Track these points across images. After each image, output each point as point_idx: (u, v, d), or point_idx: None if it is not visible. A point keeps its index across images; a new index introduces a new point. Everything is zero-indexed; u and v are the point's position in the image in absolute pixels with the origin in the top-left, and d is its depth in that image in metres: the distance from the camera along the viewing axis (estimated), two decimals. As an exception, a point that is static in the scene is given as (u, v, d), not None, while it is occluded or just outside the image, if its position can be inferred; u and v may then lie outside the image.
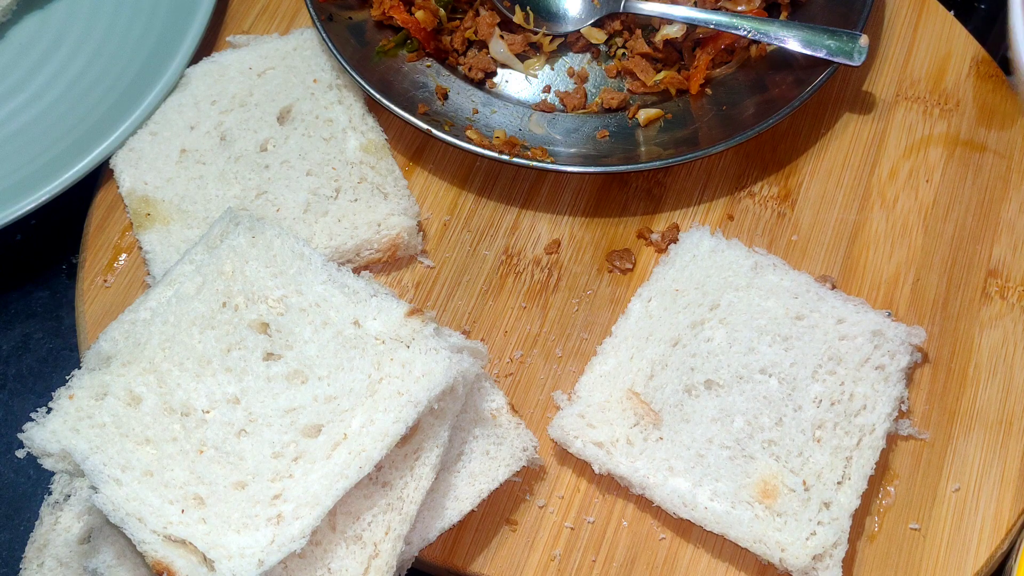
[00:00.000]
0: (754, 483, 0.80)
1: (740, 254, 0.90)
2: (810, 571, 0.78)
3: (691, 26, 0.99)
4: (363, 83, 0.97)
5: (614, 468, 0.82)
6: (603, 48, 1.03)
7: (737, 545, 0.81)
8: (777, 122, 0.94)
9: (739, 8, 0.99)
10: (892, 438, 0.85)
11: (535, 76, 1.02)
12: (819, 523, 0.79)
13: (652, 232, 0.95)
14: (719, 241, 0.91)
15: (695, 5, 1.00)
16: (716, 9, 0.98)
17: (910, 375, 0.87)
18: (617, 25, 1.02)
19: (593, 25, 1.02)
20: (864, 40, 0.94)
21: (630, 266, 0.94)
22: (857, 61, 0.94)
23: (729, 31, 0.96)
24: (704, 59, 0.99)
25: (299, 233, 0.91)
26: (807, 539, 0.78)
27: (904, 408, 0.86)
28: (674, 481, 0.81)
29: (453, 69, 1.02)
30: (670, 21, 0.99)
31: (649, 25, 1.01)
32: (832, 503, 0.80)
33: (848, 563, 0.81)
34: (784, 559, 0.78)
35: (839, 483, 0.80)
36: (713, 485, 0.80)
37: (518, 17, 1.01)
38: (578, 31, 1.02)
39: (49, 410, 0.77)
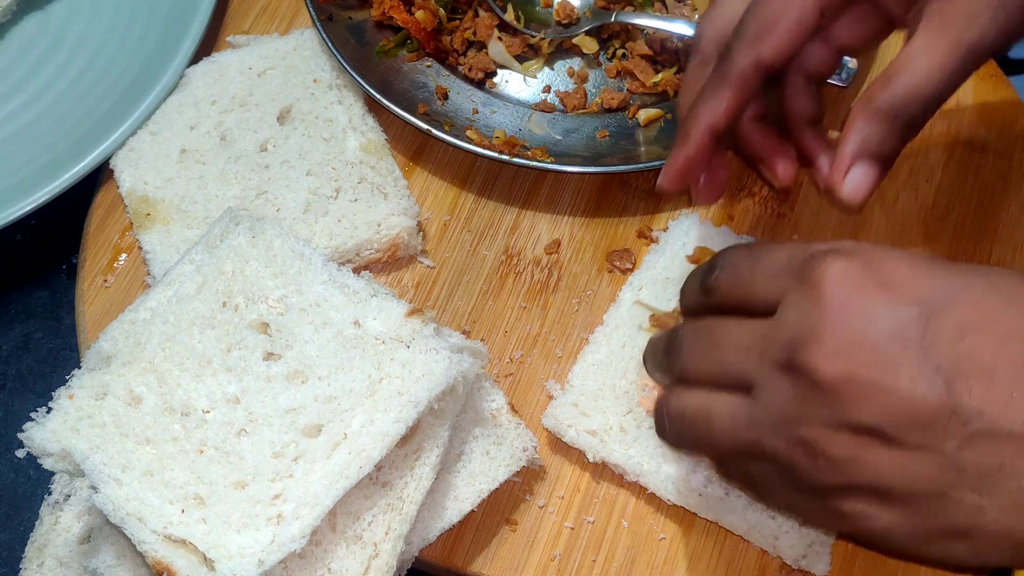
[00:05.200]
0: None
1: (729, 241, 0.91)
2: (801, 560, 0.78)
3: (691, 27, 0.99)
4: (363, 83, 0.97)
5: (608, 456, 0.82)
6: (603, 56, 1.03)
7: (736, 545, 0.81)
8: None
9: None
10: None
11: (534, 78, 1.02)
12: None
13: (652, 231, 0.95)
14: (708, 228, 0.91)
15: (694, 10, 1.00)
16: None
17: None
18: (616, 27, 1.02)
19: (586, 34, 1.01)
20: (853, 63, 0.93)
21: (630, 266, 0.94)
22: (845, 83, 0.93)
23: None
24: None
25: (299, 233, 0.91)
26: (800, 527, 0.78)
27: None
28: (668, 468, 0.81)
29: (453, 69, 1.02)
30: (668, 25, 0.99)
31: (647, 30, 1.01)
32: None
33: (848, 563, 0.81)
34: (778, 547, 0.78)
35: None
36: (707, 471, 0.81)
37: (509, 15, 1.01)
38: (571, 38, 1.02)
39: (49, 410, 0.77)
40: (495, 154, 0.94)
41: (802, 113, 0.77)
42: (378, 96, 0.96)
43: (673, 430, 0.70)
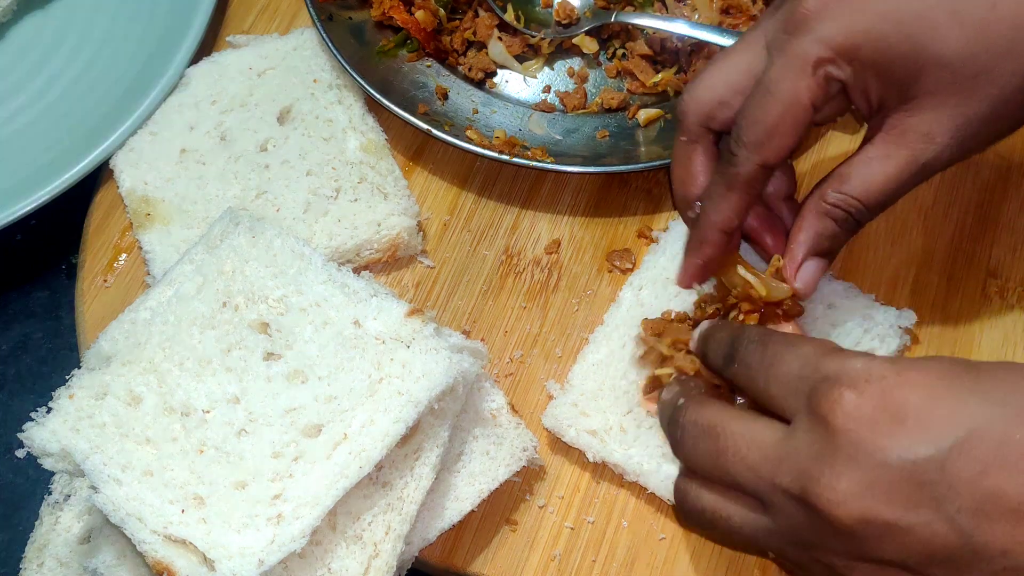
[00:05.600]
0: None
1: None
2: None
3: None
4: (363, 83, 0.97)
5: (608, 456, 0.82)
6: (603, 56, 1.03)
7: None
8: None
9: (738, 25, 0.98)
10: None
11: (534, 78, 1.02)
12: None
13: (652, 231, 0.95)
14: None
15: (694, 10, 1.00)
16: (716, 25, 0.98)
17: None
18: (616, 27, 1.02)
19: (587, 34, 1.01)
20: None
21: (630, 266, 0.94)
22: None
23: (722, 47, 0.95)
24: (701, 64, 0.99)
25: (299, 233, 0.91)
26: None
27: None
28: (668, 468, 0.81)
29: (453, 69, 1.02)
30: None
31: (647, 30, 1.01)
32: None
33: (848, 563, 0.81)
34: None
35: None
36: None
37: (509, 15, 1.01)
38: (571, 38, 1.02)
39: (49, 410, 0.77)
40: (495, 154, 0.94)
41: (779, 190, 0.80)
42: (378, 96, 0.96)
43: (696, 523, 0.70)
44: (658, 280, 0.89)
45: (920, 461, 0.55)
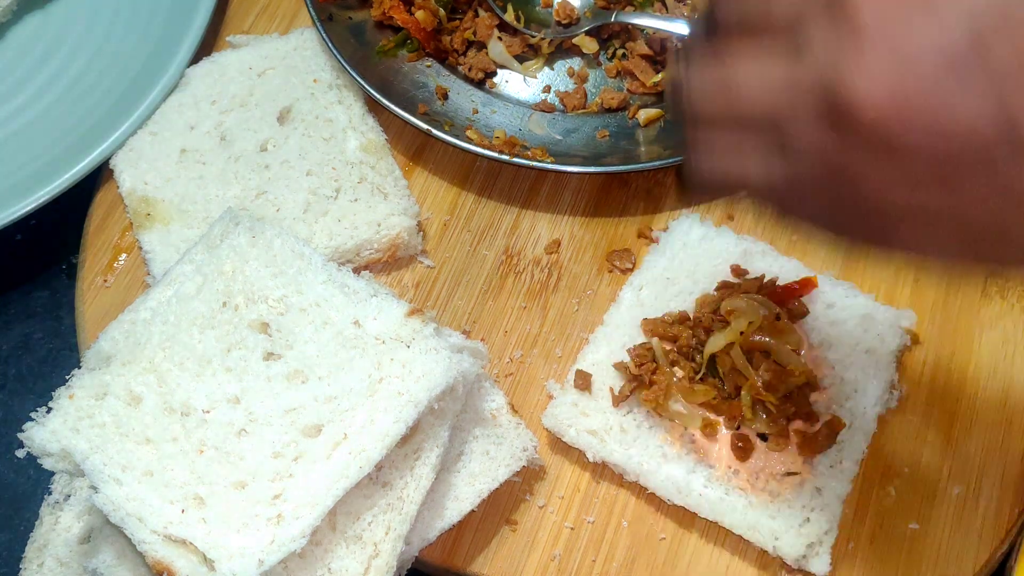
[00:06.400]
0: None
1: (730, 241, 0.91)
2: (801, 560, 0.78)
3: (691, 27, 0.99)
4: (363, 83, 0.97)
5: (608, 456, 0.82)
6: (603, 56, 1.03)
7: (736, 544, 0.81)
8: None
9: None
10: (892, 437, 0.85)
11: (534, 78, 1.02)
12: (812, 510, 0.79)
13: (652, 231, 0.95)
14: (708, 229, 0.92)
15: (694, 10, 1.00)
16: None
17: (900, 359, 0.87)
18: (616, 27, 1.02)
19: (587, 34, 1.01)
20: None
21: (630, 266, 0.94)
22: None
23: None
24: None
25: (299, 233, 0.91)
26: (800, 526, 0.79)
27: (897, 393, 0.86)
28: (668, 468, 0.81)
29: (453, 69, 1.02)
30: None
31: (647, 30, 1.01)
32: (824, 489, 0.80)
33: (848, 563, 0.81)
34: (778, 547, 0.79)
35: (831, 467, 0.81)
36: (707, 471, 0.81)
37: (509, 15, 1.01)
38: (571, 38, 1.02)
39: (49, 410, 0.77)
40: (495, 154, 0.94)
41: None
42: (378, 96, 0.96)
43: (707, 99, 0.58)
44: (658, 280, 0.89)
45: (954, 33, 0.49)
